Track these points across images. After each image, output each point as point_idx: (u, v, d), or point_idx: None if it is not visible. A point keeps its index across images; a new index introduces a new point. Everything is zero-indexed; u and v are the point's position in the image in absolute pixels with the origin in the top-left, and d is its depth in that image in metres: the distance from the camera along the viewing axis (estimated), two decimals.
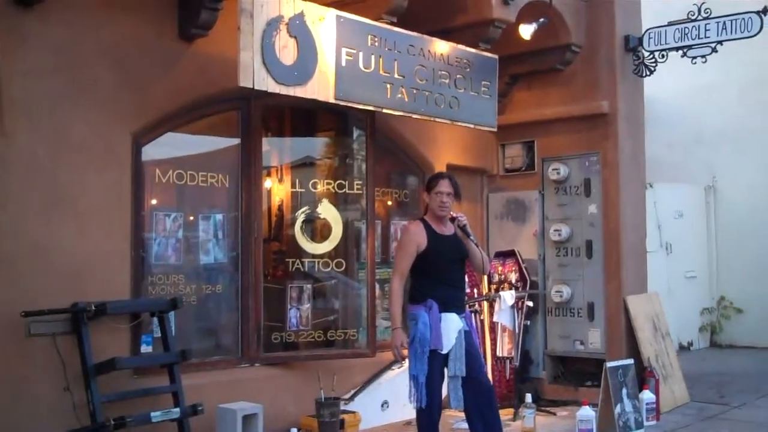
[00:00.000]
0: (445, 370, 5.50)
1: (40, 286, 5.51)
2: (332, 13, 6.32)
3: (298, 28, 6.06)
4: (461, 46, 7.40)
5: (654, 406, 7.54)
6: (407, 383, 5.49)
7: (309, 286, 7.33)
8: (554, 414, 7.96)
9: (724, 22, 8.08)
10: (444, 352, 5.42)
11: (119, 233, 6.00)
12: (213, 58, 6.41)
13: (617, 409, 7.09)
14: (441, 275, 5.55)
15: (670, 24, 8.40)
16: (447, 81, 7.22)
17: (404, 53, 6.82)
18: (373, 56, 6.58)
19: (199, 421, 6.00)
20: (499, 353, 8.28)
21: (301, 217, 7.33)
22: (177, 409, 5.83)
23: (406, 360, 5.56)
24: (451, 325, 5.47)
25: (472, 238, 5.61)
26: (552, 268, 8.85)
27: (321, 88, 6.25)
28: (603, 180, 8.51)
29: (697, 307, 12.89)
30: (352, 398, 7.23)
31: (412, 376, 5.44)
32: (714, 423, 7.61)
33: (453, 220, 5.61)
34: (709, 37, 8.17)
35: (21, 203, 5.48)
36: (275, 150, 7.49)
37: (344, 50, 6.36)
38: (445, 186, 5.60)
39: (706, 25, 8.17)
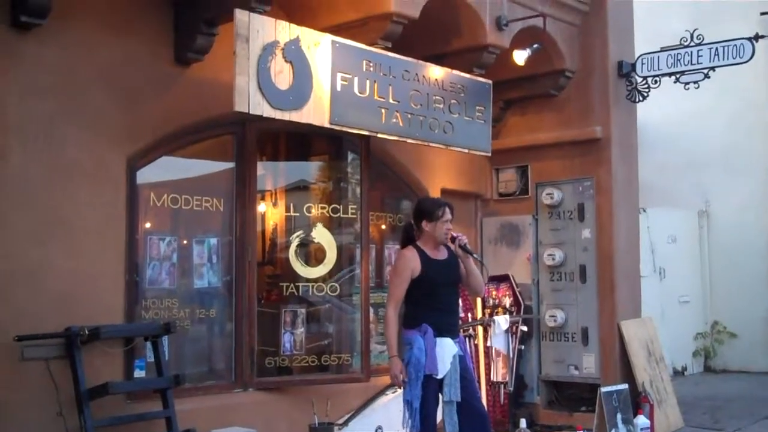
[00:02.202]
0: (440, 395, 5.47)
1: (33, 309, 5.48)
2: (327, 38, 6.35)
3: (294, 53, 6.08)
4: (455, 72, 7.43)
5: (648, 431, 7.52)
6: (401, 408, 5.46)
7: (303, 310, 7.31)
8: None
9: (717, 48, 8.15)
10: (439, 377, 5.39)
11: (113, 256, 5.98)
12: (208, 82, 6.43)
13: None
14: (435, 300, 5.52)
15: (663, 50, 8.45)
16: (441, 106, 7.24)
17: (399, 78, 6.85)
18: (368, 81, 6.60)
19: None
20: (493, 378, 8.26)
21: (295, 241, 7.32)
22: None
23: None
24: (446, 350, 5.44)
25: (475, 255, 5.59)
26: (546, 292, 8.85)
27: (316, 112, 6.26)
28: (597, 205, 8.53)
29: (691, 332, 12.89)
30: (346, 423, 7.19)
31: (406, 401, 5.41)
32: None
33: (453, 240, 5.57)
34: (701, 63, 8.23)
35: (14, 225, 5.46)
36: (270, 174, 7.49)
37: (339, 75, 6.38)
38: (449, 214, 5.61)
39: (698, 51, 8.23)
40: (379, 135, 6.86)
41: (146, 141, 6.23)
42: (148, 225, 6.46)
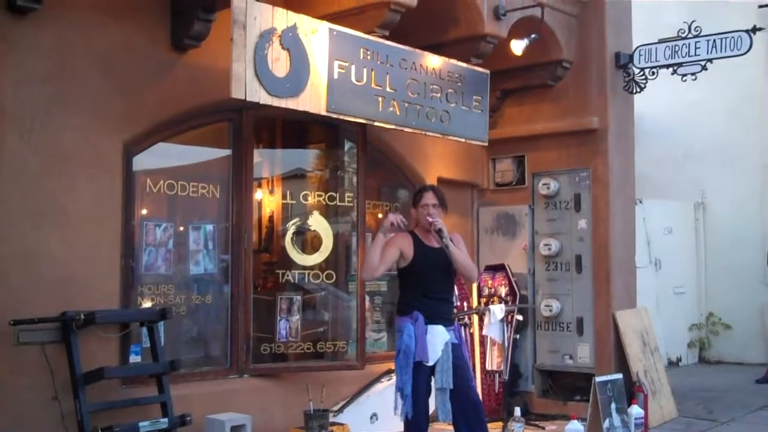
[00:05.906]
0: (433, 382, 5.49)
1: (30, 294, 5.49)
2: (325, 26, 6.34)
3: (291, 41, 6.08)
4: (453, 61, 7.43)
5: (642, 421, 7.54)
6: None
7: (299, 297, 7.33)
8: (543, 428, 7.96)
9: (714, 40, 8.15)
10: (430, 364, 5.41)
11: (109, 242, 5.98)
12: (205, 68, 6.43)
13: (606, 424, 7.09)
14: (428, 287, 5.55)
15: (661, 41, 8.46)
16: (438, 95, 7.25)
17: (396, 67, 6.85)
18: (365, 69, 6.59)
19: None
20: (488, 367, 8.28)
21: (291, 229, 7.33)
22: (165, 420, 5.80)
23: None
24: (438, 337, 5.46)
25: (445, 241, 5.49)
26: (541, 282, 8.87)
27: (313, 100, 6.26)
28: (593, 195, 8.55)
29: (686, 323, 12.93)
30: (341, 410, 7.22)
31: (397, 388, 5.45)
32: None
33: (431, 225, 5.55)
34: (699, 55, 8.23)
35: (11, 211, 5.47)
36: (266, 161, 7.50)
37: (336, 63, 6.37)
38: (429, 198, 5.62)
39: (696, 42, 8.23)
40: (376, 123, 6.86)
41: (142, 127, 6.22)
42: (144, 211, 6.46)
